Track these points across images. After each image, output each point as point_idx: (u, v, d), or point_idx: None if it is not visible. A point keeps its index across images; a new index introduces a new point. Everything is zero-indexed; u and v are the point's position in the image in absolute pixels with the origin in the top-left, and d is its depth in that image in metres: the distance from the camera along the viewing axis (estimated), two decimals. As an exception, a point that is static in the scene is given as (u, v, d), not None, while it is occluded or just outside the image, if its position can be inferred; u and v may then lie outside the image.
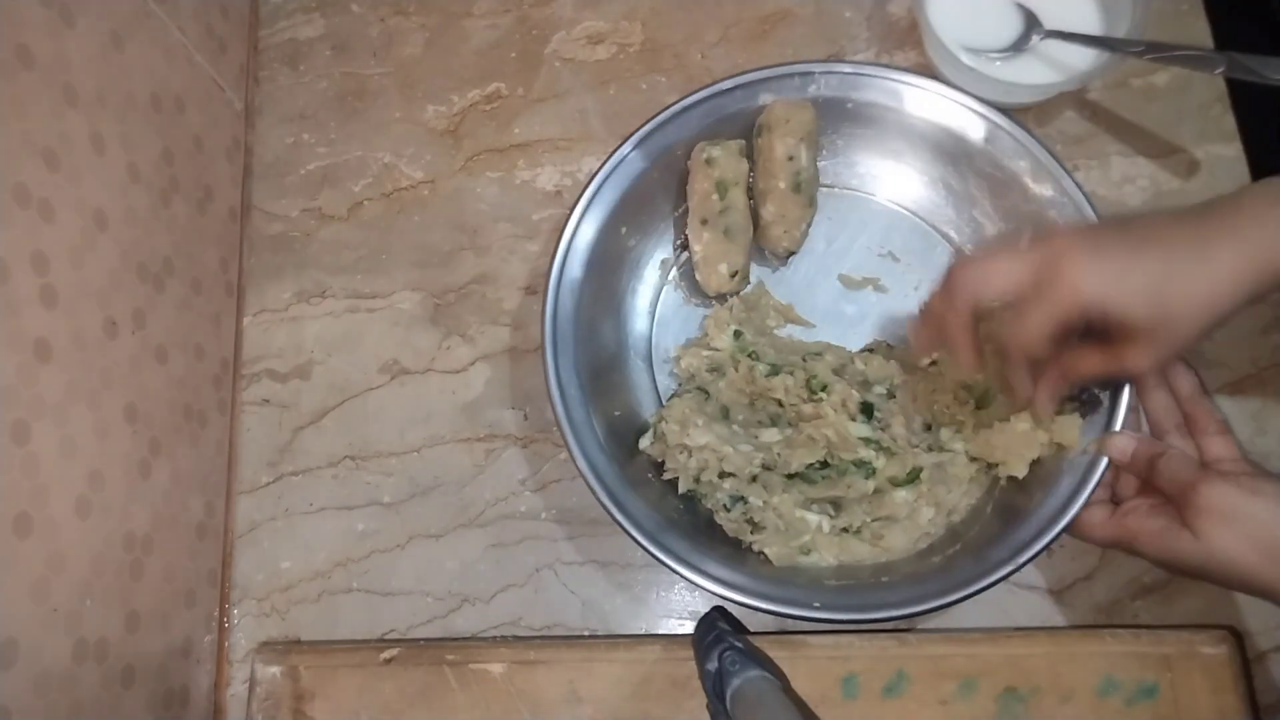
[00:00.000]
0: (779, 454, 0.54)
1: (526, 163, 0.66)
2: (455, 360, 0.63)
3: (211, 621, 0.58)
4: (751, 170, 0.58)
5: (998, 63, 0.62)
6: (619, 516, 0.51)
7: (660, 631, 0.57)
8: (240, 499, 0.61)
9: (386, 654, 0.55)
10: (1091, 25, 0.62)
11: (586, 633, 0.57)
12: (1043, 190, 0.55)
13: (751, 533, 0.54)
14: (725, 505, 0.54)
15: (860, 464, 0.54)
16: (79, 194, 0.47)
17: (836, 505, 0.54)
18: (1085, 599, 0.55)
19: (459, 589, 0.58)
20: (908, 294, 0.60)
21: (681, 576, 0.50)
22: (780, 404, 0.56)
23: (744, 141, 0.58)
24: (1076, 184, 0.54)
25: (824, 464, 0.54)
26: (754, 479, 0.54)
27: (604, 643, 0.56)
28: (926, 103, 0.58)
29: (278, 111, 0.68)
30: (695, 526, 0.54)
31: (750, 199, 0.59)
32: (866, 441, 0.54)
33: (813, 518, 0.53)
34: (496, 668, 0.55)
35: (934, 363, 0.56)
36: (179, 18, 0.58)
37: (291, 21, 0.70)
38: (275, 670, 0.55)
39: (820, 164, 0.60)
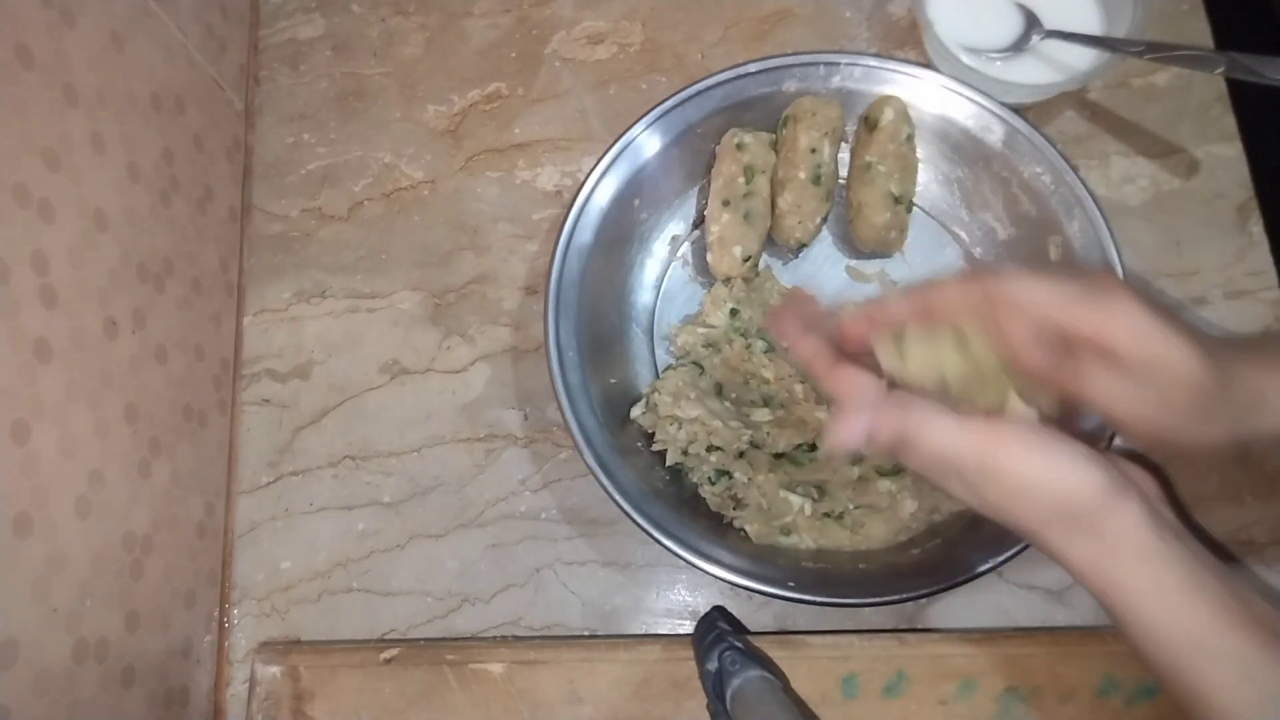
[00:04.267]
0: (768, 433, 0.55)
1: (526, 163, 0.66)
2: (455, 360, 0.63)
3: (211, 621, 0.58)
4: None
5: (998, 63, 0.62)
6: (604, 480, 0.52)
7: (660, 631, 0.57)
8: (240, 499, 0.61)
9: (386, 654, 0.55)
10: (1091, 25, 0.62)
11: (586, 633, 0.57)
12: (1057, 202, 0.56)
13: (734, 509, 0.55)
14: (710, 479, 0.55)
15: None
16: (79, 194, 0.47)
17: (820, 489, 0.55)
18: (1085, 599, 0.55)
19: (459, 589, 0.58)
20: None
21: (660, 544, 0.51)
22: (771, 383, 0.57)
23: (774, 136, 0.59)
24: (1093, 197, 0.55)
25: (812, 446, 0.55)
26: (741, 455, 0.55)
27: (604, 643, 0.56)
28: (948, 102, 0.58)
29: (278, 111, 0.68)
30: (679, 499, 0.55)
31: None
32: None
33: (795, 499, 0.54)
34: (496, 668, 0.55)
35: None
36: (179, 18, 0.58)
37: (291, 21, 0.70)
38: (275, 670, 0.55)
39: (839, 156, 0.60)
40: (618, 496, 0.51)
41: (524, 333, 0.63)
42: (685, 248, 0.62)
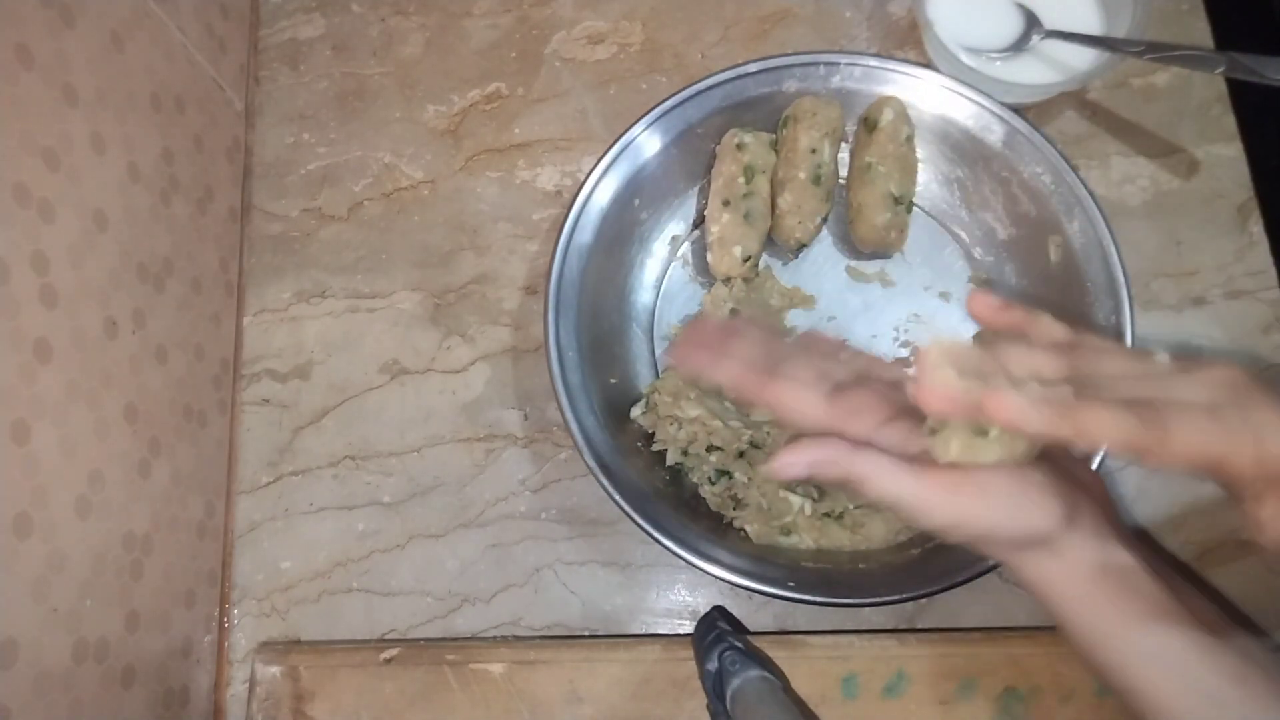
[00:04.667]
0: (768, 433, 0.55)
1: (526, 163, 0.66)
2: (455, 360, 0.63)
3: (211, 621, 0.58)
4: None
5: (998, 63, 0.62)
6: (604, 480, 0.52)
7: (660, 631, 0.57)
8: (240, 499, 0.61)
9: (386, 654, 0.55)
10: (1091, 25, 0.62)
11: (586, 633, 0.57)
12: (1057, 202, 0.56)
13: (734, 509, 0.55)
14: (710, 479, 0.55)
15: None
16: (79, 194, 0.47)
17: (820, 489, 0.55)
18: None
19: (459, 589, 0.58)
20: (915, 291, 0.60)
21: (660, 544, 0.51)
22: None
23: (774, 136, 0.59)
24: (1093, 197, 0.55)
25: None
26: (740, 455, 0.55)
27: (604, 643, 0.56)
28: (948, 102, 0.58)
29: (278, 111, 0.68)
30: (680, 499, 0.55)
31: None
32: None
33: (795, 499, 0.54)
34: (496, 668, 0.55)
35: None
36: (179, 18, 0.58)
37: (291, 21, 0.70)
38: (275, 670, 0.55)
39: (840, 156, 0.60)
40: (618, 497, 0.51)
41: (524, 333, 0.63)
42: (685, 248, 0.62)
